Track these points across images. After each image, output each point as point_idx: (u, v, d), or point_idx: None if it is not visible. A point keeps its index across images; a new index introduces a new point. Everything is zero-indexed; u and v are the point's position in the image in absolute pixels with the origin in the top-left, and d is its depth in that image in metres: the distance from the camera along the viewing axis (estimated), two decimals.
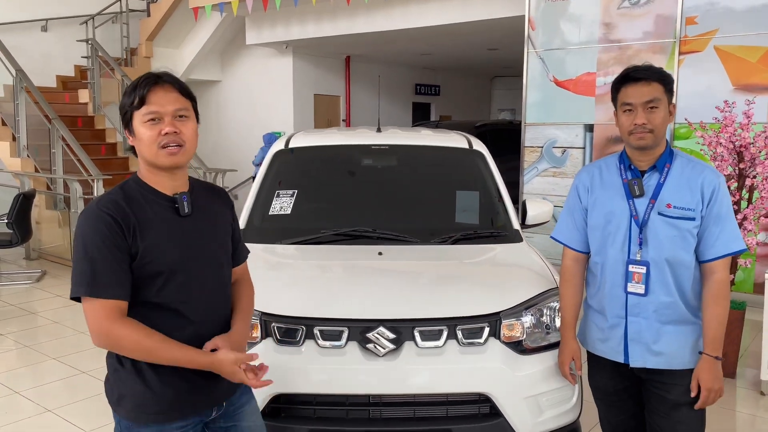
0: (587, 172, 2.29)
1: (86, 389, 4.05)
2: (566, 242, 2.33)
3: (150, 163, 1.71)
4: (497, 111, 16.05)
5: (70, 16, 10.63)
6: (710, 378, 2.06)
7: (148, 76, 1.70)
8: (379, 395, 2.38)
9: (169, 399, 1.71)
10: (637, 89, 2.07)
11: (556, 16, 6.72)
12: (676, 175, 2.10)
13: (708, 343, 2.07)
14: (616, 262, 2.15)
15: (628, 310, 2.14)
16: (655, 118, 2.05)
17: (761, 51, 5.53)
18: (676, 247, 2.07)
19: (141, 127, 1.67)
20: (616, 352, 2.19)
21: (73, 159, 7.77)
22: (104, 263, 1.60)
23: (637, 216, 2.11)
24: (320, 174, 3.69)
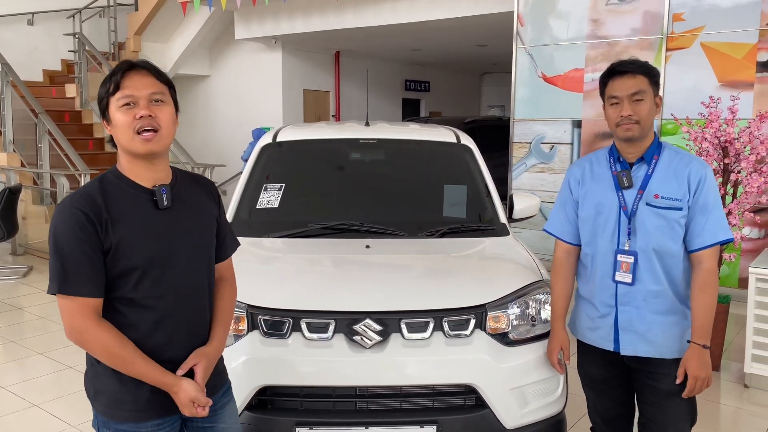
0: (578, 166, 2.33)
1: (72, 384, 4.03)
2: (558, 234, 2.36)
3: (127, 151, 1.66)
4: (487, 107, 16.09)
5: (57, 10, 10.54)
6: (698, 366, 2.08)
7: (123, 62, 1.68)
8: (365, 387, 2.38)
9: (145, 398, 1.68)
10: (623, 82, 2.12)
11: (544, 13, 6.74)
12: (663, 166, 2.14)
13: (696, 331, 2.10)
14: (606, 253, 2.20)
15: (618, 300, 2.18)
16: (640, 110, 2.10)
17: (746, 48, 5.58)
18: (663, 236, 2.11)
19: (116, 112, 1.63)
20: (606, 341, 2.23)
21: (60, 154, 7.72)
22: (75, 260, 1.58)
23: (626, 207, 2.15)
24: (308, 168, 3.69)
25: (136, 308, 1.66)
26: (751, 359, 3.93)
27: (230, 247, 1.95)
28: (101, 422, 1.74)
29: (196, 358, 1.73)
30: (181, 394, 1.66)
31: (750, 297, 3.90)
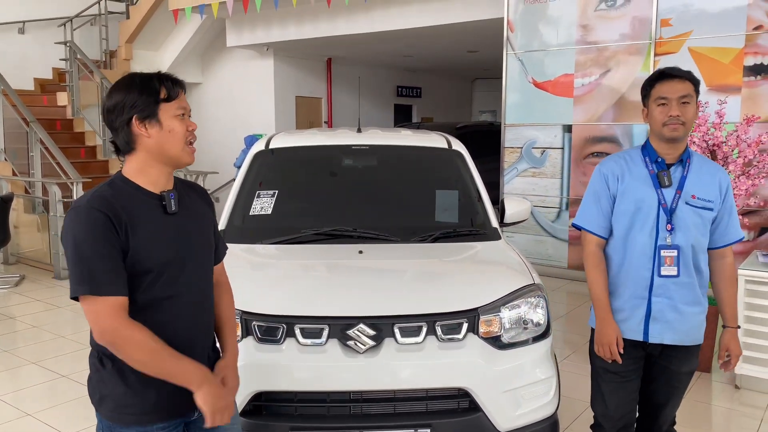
0: (615, 162, 2.41)
1: (66, 393, 4.02)
2: (593, 229, 2.40)
3: (169, 158, 1.71)
4: (478, 113, 16.15)
5: (48, 18, 10.53)
6: (737, 346, 2.37)
7: (168, 76, 1.74)
8: (359, 392, 2.40)
9: (151, 401, 1.69)
10: (672, 85, 2.24)
11: (534, 19, 6.80)
12: (695, 169, 2.31)
13: (730, 317, 2.38)
14: (643, 247, 2.30)
15: (653, 291, 2.31)
16: (687, 112, 2.23)
17: (733, 52, 5.65)
18: (699, 234, 2.29)
19: (173, 120, 1.70)
20: (635, 332, 2.34)
21: (52, 162, 7.70)
22: (101, 260, 1.58)
23: (666, 204, 2.28)
24: (301, 174, 3.71)
25: (146, 310, 1.67)
26: (742, 360, 3.95)
27: (222, 251, 1.99)
28: (106, 427, 1.74)
29: (221, 372, 1.79)
30: (212, 401, 1.66)
31: (739, 299, 3.92)
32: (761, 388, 3.92)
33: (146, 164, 1.70)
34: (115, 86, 1.72)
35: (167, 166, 1.73)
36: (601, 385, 2.45)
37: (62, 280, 7.01)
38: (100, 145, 9.51)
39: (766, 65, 5.54)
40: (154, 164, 1.71)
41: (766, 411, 3.70)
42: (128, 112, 1.66)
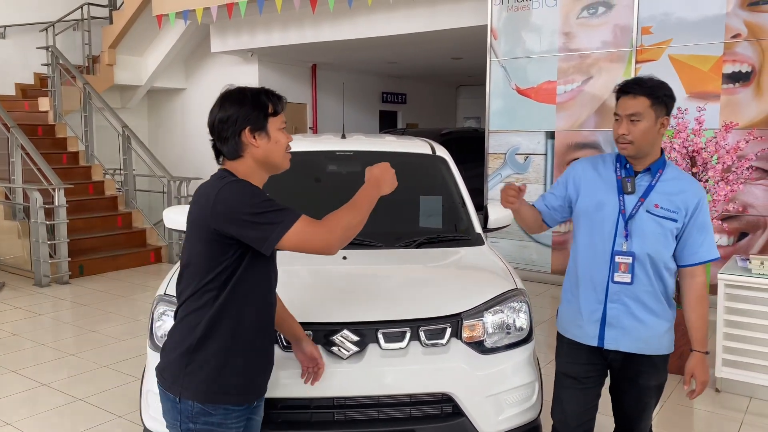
0: (589, 161, 2.44)
1: (46, 401, 3.97)
2: (537, 204, 2.52)
3: (273, 165, 1.94)
4: (463, 119, 16.23)
5: (30, 23, 10.43)
6: (703, 372, 2.28)
7: (272, 92, 1.97)
8: (343, 397, 2.39)
9: (243, 380, 1.87)
10: (625, 101, 2.23)
11: (517, 26, 6.86)
12: (666, 181, 2.27)
13: (697, 340, 2.30)
14: (600, 252, 2.29)
15: (608, 297, 2.29)
16: (635, 130, 2.19)
17: (712, 60, 5.74)
18: (658, 243, 2.24)
19: (278, 132, 1.92)
20: (590, 337, 2.33)
21: (33, 168, 7.62)
22: (275, 202, 1.82)
23: (625, 210, 2.26)
24: (285, 180, 3.68)
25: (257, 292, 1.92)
26: (722, 364, 4.01)
27: None
28: (196, 412, 1.82)
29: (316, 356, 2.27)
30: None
31: (719, 303, 3.98)
32: (742, 392, 3.97)
33: (251, 170, 1.91)
34: (226, 99, 1.91)
35: (267, 173, 1.96)
36: (560, 391, 2.45)
37: (43, 287, 6.93)
38: (82, 151, 9.42)
39: (744, 73, 5.64)
40: (258, 171, 1.92)
41: (746, 414, 3.75)
42: (241, 124, 1.86)
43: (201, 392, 1.82)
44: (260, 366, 1.95)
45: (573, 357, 2.41)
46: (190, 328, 1.84)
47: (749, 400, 3.90)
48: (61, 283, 7.11)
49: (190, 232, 1.91)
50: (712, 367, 4.16)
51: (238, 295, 1.84)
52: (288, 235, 1.78)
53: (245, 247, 1.82)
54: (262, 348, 1.95)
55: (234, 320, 1.84)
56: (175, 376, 1.84)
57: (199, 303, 1.84)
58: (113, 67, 10.68)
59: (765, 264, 3.87)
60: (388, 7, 8.16)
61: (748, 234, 5.67)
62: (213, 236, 1.80)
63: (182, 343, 1.84)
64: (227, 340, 1.84)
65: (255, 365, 1.92)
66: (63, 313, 6.14)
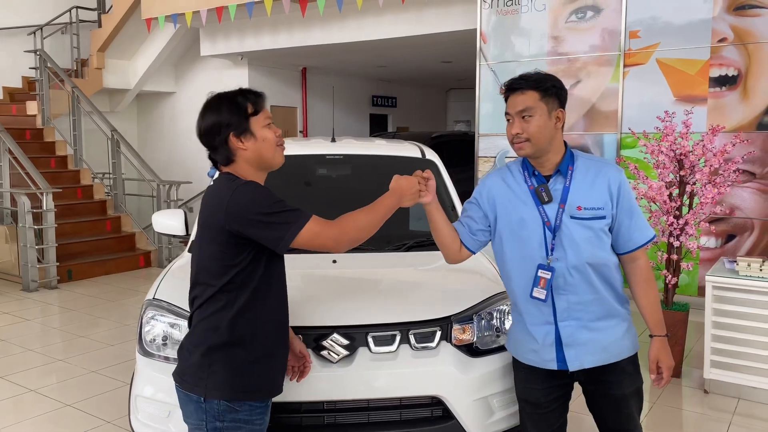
0: (492, 179, 2.25)
1: (34, 407, 3.94)
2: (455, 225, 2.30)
3: (266, 163, 1.95)
4: (453, 122, 16.28)
5: (17, 27, 10.37)
6: (666, 357, 2.16)
7: (250, 91, 1.94)
8: (333, 401, 2.40)
9: (266, 377, 1.93)
10: (513, 99, 2.10)
11: (506, 30, 6.90)
12: (580, 176, 2.11)
13: (654, 325, 2.17)
14: (532, 269, 2.11)
15: (557, 316, 2.11)
16: (529, 127, 2.05)
17: (699, 64, 5.80)
18: (593, 248, 2.08)
19: (264, 129, 1.91)
20: (548, 361, 2.14)
21: (21, 172, 7.57)
22: (286, 203, 1.86)
23: (549, 222, 2.09)
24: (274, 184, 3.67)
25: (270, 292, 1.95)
26: (710, 365, 4.04)
27: None
28: (222, 410, 1.87)
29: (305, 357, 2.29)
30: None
31: (707, 305, 4.01)
32: (730, 393, 4.00)
33: (248, 172, 1.92)
34: (206, 109, 1.92)
35: (263, 172, 1.97)
36: (523, 416, 2.30)
37: (31, 292, 6.88)
38: (70, 155, 9.37)
39: (730, 76, 5.69)
40: (254, 171, 1.94)
41: (734, 415, 3.77)
42: (225, 131, 1.88)
43: (228, 390, 1.87)
44: (280, 362, 2.01)
45: (531, 382, 2.22)
46: (210, 329, 1.89)
47: (737, 401, 3.93)
48: (49, 288, 7.06)
49: (201, 235, 1.95)
50: (700, 369, 4.20)
51: (258, 294, 1.89)
52: (302, 233, 1.83)
53: (259, 247, 1.87)
54: (282, 345, 2.01)
55: (255, 319, 1.89)
56: (198, 378, 1.88)
57: (219, 305, 1.88)
58: (102, 70, 10.64)
59: (752, 266, 3.90)
60: (378, 10, 8.18)
61: (735, 236, 5.71)
62: (228, 238, 1.85)
63: (203, 344, 1.89)
64: (250, 339, 1.89)
65: (276, 362, 1.98)
66: (51, 318, 6.10)
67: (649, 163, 4.43)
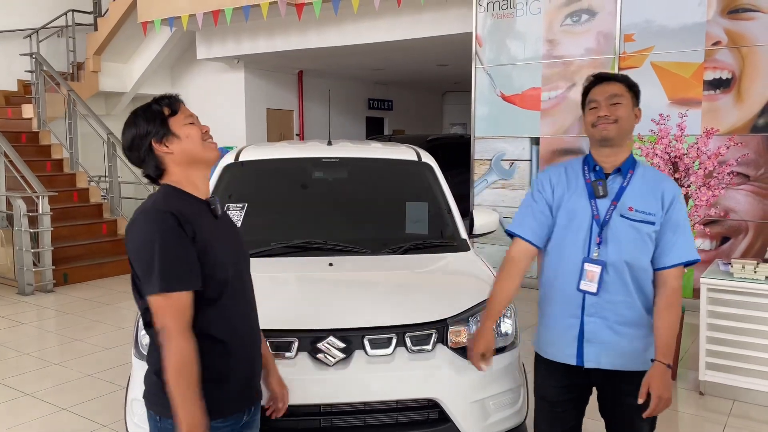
0: (552, 171, 2.29)
1: (29, 411, 3.93)
2: (520, 233, 2.24)
3: (197, 159, 1.82)
4: (449, 125, 16.31)
5: (13, 30, 10.35)
6: (661, 385, 2.02)
7: (163, 96, 1.85)
8: (329, 404, 2.40)
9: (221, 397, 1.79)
10: (602, 88, 2.17)
11: (502, 34, 6.92)
12: (638, 180, 2.14)
13: (660, 349, 2.06)
14: (575, 262, 2.14)
15: (585, 310, 2.12)
16: (617, 110, 2.10)
17: (694, 67, 5.83)
18: (636, 249, 2.09)
19: (185, 128, 1.81)
20: (568, 355, 2.15)
21: (17, 176, 7.55)
22: (178, 257, 1.67)
23: (598, 216, 2.12)
24: (271, 187, 3.70)
25: (221, 309, 1.78)
26: (705, 367, 4.05)
27: None
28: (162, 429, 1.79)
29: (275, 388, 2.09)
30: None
31: (702, 307, 4.03)
32: (725, 395, 4.01)
33: (183, 175, 1.82)
34: (124, 127, 1.85)
35: (201, 169, 1.84)
36: (538, 415, 2.30)
37: (26, 296, 6.86)
38: (66, 158, 9.35)
39: (724, 79, 5.73)
40: (190, 172, 1.82)
41: (729, 417, 3.79)
42: (145, 140, 1.80)
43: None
44: (241, 380, 1.85)
45: (549, 379, 2.24)
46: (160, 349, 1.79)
47: (732, 403, 3.95)
48: (45, 292, 7.04)
49: None
50: (695, 370, 4.21)
51: (202, 318, 1.74)
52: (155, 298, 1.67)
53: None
54: (237, 368, 1.83)
55: (202, 341, 1.74)
56: (156, 396, 1.80)
57: None
58: (98, 73, 10.63)
59: (747, 268, 3.92)
60: (374, 14, 8.20)
61: (730, 238, 5.74)
62: None
63: (157, 363, 1.77)
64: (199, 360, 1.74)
65: (235, 380, 1.83)
66: (47, 322, 6.08)
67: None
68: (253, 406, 1.92)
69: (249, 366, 1.88)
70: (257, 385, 1.94)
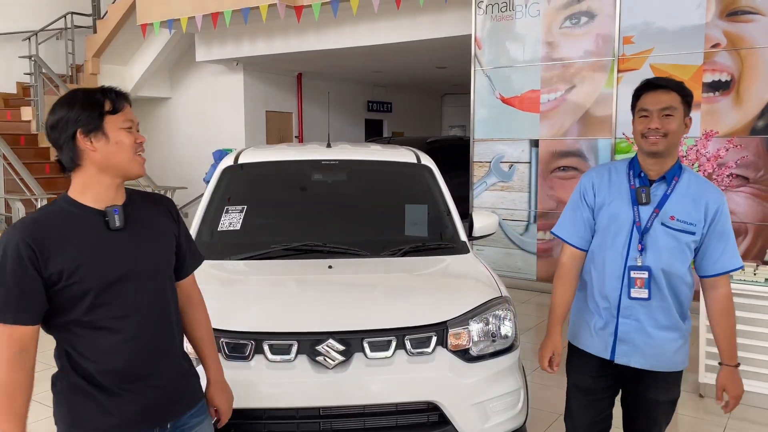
0: (596, 173, 2.30)
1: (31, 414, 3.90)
2: (566, 238, 2.31)
3: (118, 170, 1.67)
4: (448, 127, 16.32)
5: (12, 32, 10.36)
6: (735, 386, 2.19)
7: (112, 89, 1.71)
8: (329, 407, 2.39)
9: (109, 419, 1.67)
10: (655, 96, 2.12)
11: (501, 36, 6.92)
12: (682, 189, 2.14)
13: (726, 354, 2.19)
14: (613, 265, 2.19)
15: (621, 312, 2.19)
16: (669, 124, 2.09)
17: (693, 69, 5.83)
18: (673, 258, 2.13)
19: (119, 132, 1.66)
20: (602, 349, 2.24)
21: (15, 178, 7.55)
22: (7, 288, 1.56)
23: (640, 223, 2.15)
24: (270, 189, 3.70)
25: (93, 331, 1.65)
26: (705, 369, 4.05)
27: (191, 264, 1.95)
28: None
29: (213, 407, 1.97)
30: None
31: (702, 309, 4.02)
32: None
33: (92, 180, 1.66)
34: (57, 102, 1.68)
35: (115, 179, 1.69)
36: (571, 402, 2.38)
37: None
38: None
39: (723, 82, 5.73)
40: (100, 179, 1.67)
41: (729, 419, 3.78)
42: (72, 126, 1.63)
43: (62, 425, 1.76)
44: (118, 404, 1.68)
45: (583, 368, 2.32)
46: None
47: None
48: None
49: None
50: (695, 373, 4.21)
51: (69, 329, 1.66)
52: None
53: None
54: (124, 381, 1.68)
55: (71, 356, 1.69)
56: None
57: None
58: (97, 76, 10.63)
59: (746, 270, 3.91)
60: (373, 16, 8.20)
61: None
62: None
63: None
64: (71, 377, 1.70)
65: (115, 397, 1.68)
66: None
67: None
68: (157, 426, 1.74)
69: (143, 389, 1.70)
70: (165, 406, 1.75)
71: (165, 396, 1.74)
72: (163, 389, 1.74)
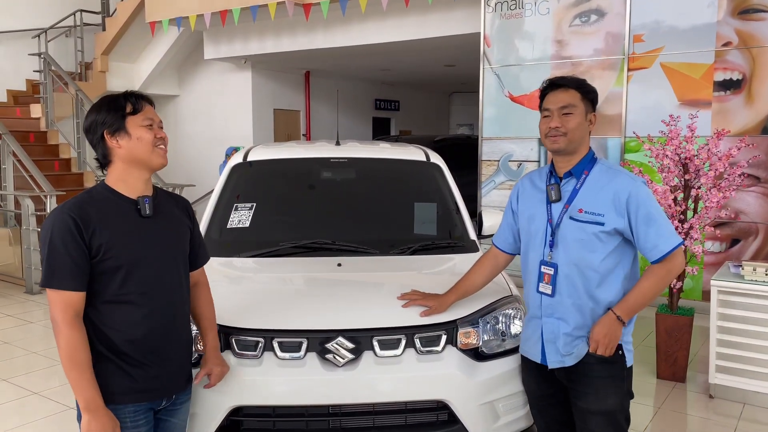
0: (523, 179, 2.42)
1: (37, 410, 3.93)
2: (496, 243, 2.51)
3: (142, 162, 1.92)
4: (456, 126, 16.28)
5: (22, 30, 10.41)
6: (600, 331, 2.10)
7: (133, 93, 1.96)
8: (338, 405, 2.39)
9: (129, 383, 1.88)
10: (555, 96, 2.19)
11: (510, 34, 6.89)
12: (592, 181, 2.17)
13: (622, 305, 2.11)
14: (534, 264, 2.26)
15: (542, 311, 2.23)
16: (568, 122, 2.14)
17: (704, 68, 5.79)
18: (583, 250, 2.14)
19: (139, 129, 1.91)
20: (534, 353, 2.28)
21: (25, 175, 7.58)
22: (60, 258, 1.79)
23: (552, 219, 2.21)
24: (279, 187, 3.70)
25: (123, 305, 1.87)
26: (716, 370, 4.02)
27: (202, 258, 2.21)
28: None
29: (209, 367, 2.16)
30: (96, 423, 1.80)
31: (712, 309, 4.00)
32: (735, 398, 3.98)
33: (124, 172, 1.93)
34: (89, 110, 1.95)
35: (143, 171, 1.95)
36: (530, 407, 2.44)
37: (34, 294, 6.88)
38: (74, 158, 9.39)
39: (735, 80, 5.68)
40: (130, 171, 1.93)
41: (739, 420, 3.75)
42: (100, 128, 1.90)
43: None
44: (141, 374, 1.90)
45: (527, 373, 2.38)
46: None
47: (742, 407, 3.92)
48: None
49: None
50: (705, 374, 4.18)
51: (95, 305, 1.86)
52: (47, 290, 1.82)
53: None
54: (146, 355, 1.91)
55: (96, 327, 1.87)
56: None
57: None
58: (106, 73, 10.67)
59: (757, 270, 3.88)
60: (381, 14, 8.19)
61: (740, 240, 5.70)
62: None
63: None
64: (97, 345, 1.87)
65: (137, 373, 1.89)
66: None
67: (654, 167, 4.42)
68: (165, 397, 1.98)
69: (156, 360, 1.93)
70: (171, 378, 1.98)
71: (174, 369, 2.00)
72: (172, 363, 1.99)
